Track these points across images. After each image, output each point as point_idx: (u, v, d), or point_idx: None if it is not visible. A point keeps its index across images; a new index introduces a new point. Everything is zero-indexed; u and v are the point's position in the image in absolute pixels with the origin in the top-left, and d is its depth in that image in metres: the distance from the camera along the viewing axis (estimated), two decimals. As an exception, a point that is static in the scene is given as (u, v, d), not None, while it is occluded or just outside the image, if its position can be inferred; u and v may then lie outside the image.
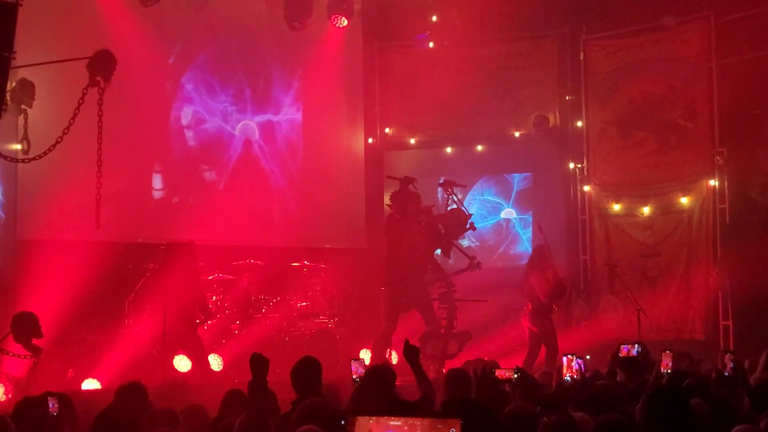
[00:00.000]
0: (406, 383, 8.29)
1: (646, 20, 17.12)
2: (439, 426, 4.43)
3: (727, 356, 9.21)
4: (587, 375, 8.33)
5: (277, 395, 7.53)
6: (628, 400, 7.06)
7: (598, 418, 5.51)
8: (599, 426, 5.36)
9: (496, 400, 6.91)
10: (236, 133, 17.33)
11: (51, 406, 6.14)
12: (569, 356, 8.20)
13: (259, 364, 6.06)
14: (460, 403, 6.43)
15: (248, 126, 17.53)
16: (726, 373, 8.74)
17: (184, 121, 16.82)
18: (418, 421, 4.47)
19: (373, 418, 4.50)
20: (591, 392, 7.19)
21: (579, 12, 17.57)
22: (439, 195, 17.36)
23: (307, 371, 7.53)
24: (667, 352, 8.89)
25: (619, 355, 9.42)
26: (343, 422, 4.52)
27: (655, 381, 8.41)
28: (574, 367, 7.98)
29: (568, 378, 7.97)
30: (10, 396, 11.17)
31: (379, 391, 7.24)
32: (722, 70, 16.35)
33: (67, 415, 6.67)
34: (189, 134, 16.85)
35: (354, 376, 8.06)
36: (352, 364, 8.17)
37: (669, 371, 8.64)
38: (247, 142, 17.41)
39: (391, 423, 4.46)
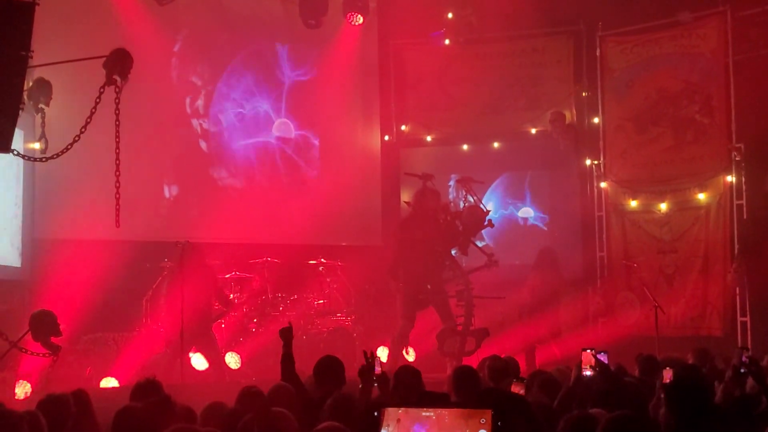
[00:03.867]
0: (428, 380, 8.33)
1: (662, 16, 17.06)
2: (470, 416, 4.42)
3: (743, 353, 9.16)
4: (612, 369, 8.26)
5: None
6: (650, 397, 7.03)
7: (609, 415, 5.49)
8: (610, 422, 5.35)
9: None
10: (273, 131, 17.45)
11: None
12: (589, 350, 8.16)
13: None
14: (491, 393, 6.43)
15: (284, 124, 17.63)
16: (742, 370, 8.69)
17: (201, 119, 16.88)
18: (447, 413, 4.47)
19: (402, 408, 4.51)
20: (611, 388, 7.16)
21: (595, 8, 17.49)
22: (451, 192, 17.34)
23: (330, 368, 7.60)
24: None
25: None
26: (376, 413, 4.52)
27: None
28: (593, 361, 7.94)
29: (588, 372, 7.93)
30: (29, 394, 11.24)
31: (409, 386, 7.33)
32: (739, 65, 16.27)
33: (86, 413, 6.69)
34: (205, 133, 16.90)
35: None
36: None
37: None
38: (268, 142, 17.49)
39: (422, 414, 4.47)
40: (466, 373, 7.96)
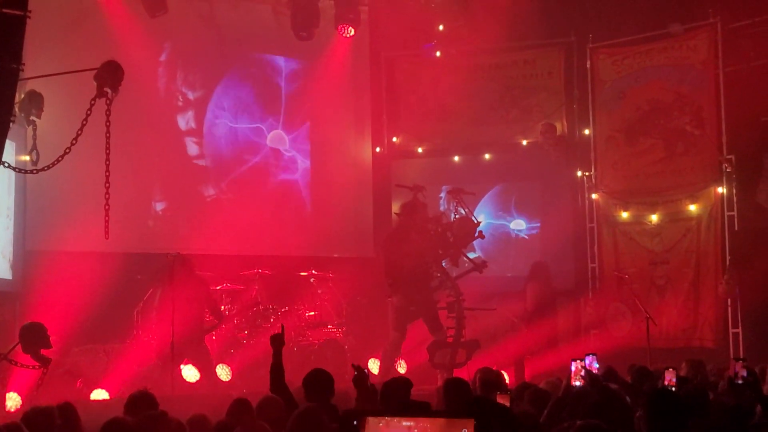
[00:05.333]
0: (420, 392, 8.32)
1: (653, 28, 17.11)
2: (452, 426, 4.38)
3: (739, 364, 9.14)
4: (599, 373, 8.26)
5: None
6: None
7: (577, 424, 5.47)
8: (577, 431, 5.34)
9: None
10: (267, 142, 17.46)
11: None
12: (578, 361, 8.15)
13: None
14: (473, 402, 6.40)
15: (278, 135, 17.62)
16: (738, 381, 8.68)
17: (192, 132, 16.86)
18: (429, 422, 4.43)
19: (384, 418, 4.45)
20: (597, 399, 7.15)
21: (585, 20, 17.54)
22: (442, 203, 17.30)
23: (319, 382, 7.58)
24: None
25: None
26: (355, 422, 4.48)
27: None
28: (582, 372, 7.93)
29: (578, 383, 7.93)
30: (18, 407, 11.20)
31: (399, 398, 7.33)
32: (729, 77, 16.33)
33: (72, 425, 6.66)
34: (197, 145, 16.90)
35: None
36: None
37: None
38: (260, 153, 17.48)
39: (403, 423, 4.41)
40: (457, 384, 7.96)
